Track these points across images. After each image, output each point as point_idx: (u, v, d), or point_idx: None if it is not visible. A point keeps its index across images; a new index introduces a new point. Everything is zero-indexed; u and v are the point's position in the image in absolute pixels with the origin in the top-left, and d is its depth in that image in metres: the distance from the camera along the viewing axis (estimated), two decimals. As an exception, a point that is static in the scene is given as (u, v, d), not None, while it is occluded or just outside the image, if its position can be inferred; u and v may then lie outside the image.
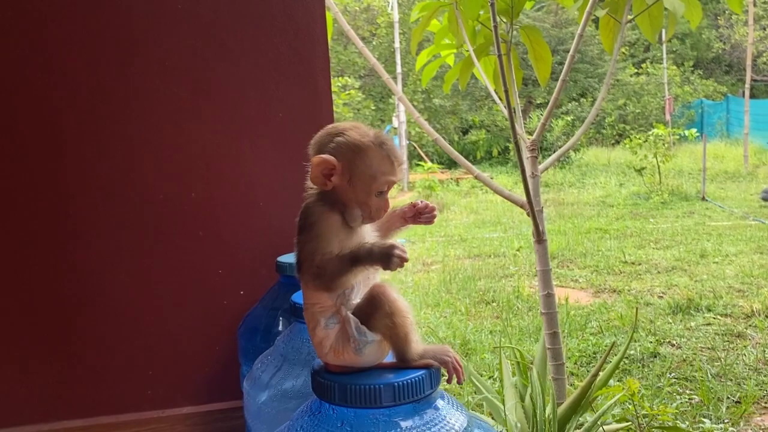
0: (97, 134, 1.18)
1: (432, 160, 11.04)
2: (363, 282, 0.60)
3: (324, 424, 0.59)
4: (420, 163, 9.83)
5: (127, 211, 1.18)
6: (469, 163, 1.62)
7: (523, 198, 1.51)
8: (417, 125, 12.78)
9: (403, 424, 0.58)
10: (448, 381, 0.62)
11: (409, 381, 0.58)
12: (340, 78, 12.47)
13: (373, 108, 13.17)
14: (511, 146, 10.57)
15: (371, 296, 0.59)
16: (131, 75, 1.19)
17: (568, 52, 1.98)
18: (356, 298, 0.60)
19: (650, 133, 8.90)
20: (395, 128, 10.93)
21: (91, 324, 1.20)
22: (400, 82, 10.89)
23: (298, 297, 0.84)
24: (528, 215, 1.51)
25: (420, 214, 0.65)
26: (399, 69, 10.71)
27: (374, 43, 14.32)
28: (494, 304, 4.00)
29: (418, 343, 0.60)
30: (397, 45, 10.64)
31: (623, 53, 17.37)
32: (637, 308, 3.69)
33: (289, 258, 1.07)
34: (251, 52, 1.21)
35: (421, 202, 0.65)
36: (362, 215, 0.61)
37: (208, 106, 1.20)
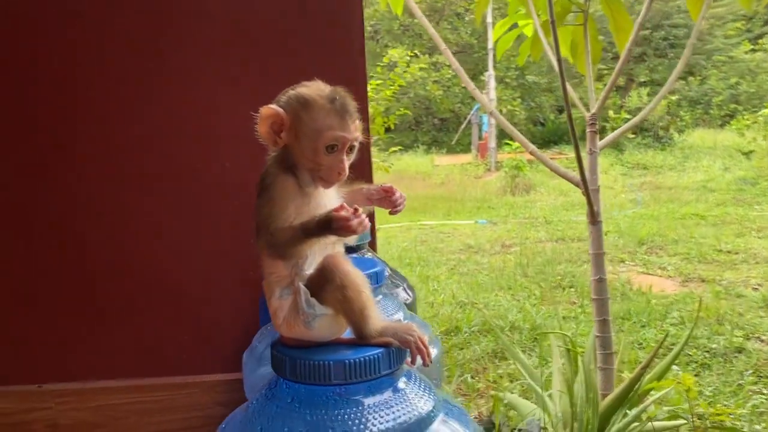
0: (136, 105, 1.21)
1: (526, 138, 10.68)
2: (320, 252, 0.57)
3: (276, 400, 0.57)
4: (508, 142, 9.60)
5: (165, 182, 1.21)
6: (524, 138, 1.54)
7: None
8: (508, 103, 12.47)
9: (356, 403, 0.55)
10: (412, 362, 0.58)
11: (362, 359, 0.55)
12: (429, 56, 12.34)
13: (464, 85, 12.91)
14: (608, 126, 10.13)
15: (322, 267, 0.56)
16: (167, 44, 1.20)
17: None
18: (310, 269, 0.57)
19: (760, 113, 8.26)
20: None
21: (134, 292, 1.24)
22: (491, 58, 10.64)
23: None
24: (583, 194, 1.42)
25: (387, 200, 0.62)
26: (490, 44, 10.45)
27: (467, 18, 14.04)
28: (572, 289, 3.86)
29: (377, 320, 0.57)
30: (489, 20, 10.39)
31: (738, 29, 16.16)
32: (701, 300, 3.46)
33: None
34: (287, 23, 1.19)
35: (395, 190, 0.62)
36: (314, 177, 0.58)
37: (245, 77, 1.20)
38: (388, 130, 2.56)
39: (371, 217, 1.17)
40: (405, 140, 13.02)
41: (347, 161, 0.59)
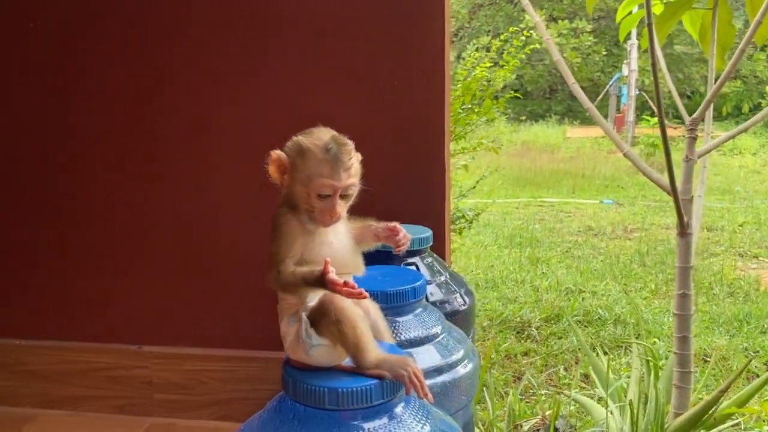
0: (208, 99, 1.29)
1: (668, 114, 10.03)
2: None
3: (280, 414, 0.63)
4: (647, 117, 9.05)
5: (238, 169, 1.29)
6: (605, 123, 1.47)
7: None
8: (658, 73, 11.64)
9: (350, 428, 0.60)
10: (407, 393, 0.61)
11: (355, 389, 0.59)
12: (570, 21, 11.80)
13: (605, 53, 12.29)
14: (763, 102, 9.25)
15: (320, 302, 0.60)
16: (239, 32, 1.27)
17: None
18: (313, 301, 0.61)
19: None
20: (625, 77, 10.14)
21: (231, 271, 1.35)
22: (634, 29, 9.97)
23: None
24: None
25: (392, 238, 0.64)
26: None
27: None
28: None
29: (373, 353, 0.61)
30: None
31: None
32: None
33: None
34: (367, 19, 1.22)
35: (400, 230, 0.65)
36: (310, 218, 0.62)
37: (323, 72, 1.25)
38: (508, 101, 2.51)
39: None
40: (537, 109, 12.65)
41: (342, 205, 0.63)
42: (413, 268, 1.07)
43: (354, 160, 0.65)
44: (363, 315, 0.62)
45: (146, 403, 1.40)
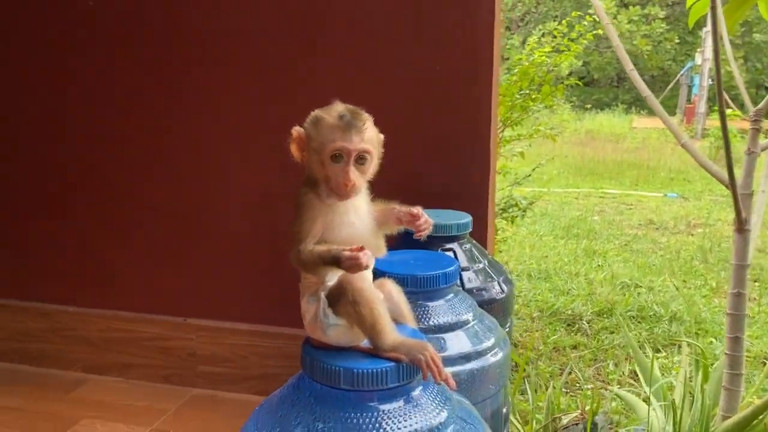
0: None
1: (742, 107, 9.58)
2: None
3: (297, 392, 0.63)
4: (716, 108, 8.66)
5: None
6: (663, 112, 1.40)
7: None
8: (727, 63, 11.16)
9: (365, 408, 0.59)
10: (424, 378, 0.61)
11: (369, 370, 0.59)
12: (642, 7, 11.38)
13: (677, 41, 11.81)
14: None
15: (339, 282, 0.60)
16: (286, 20, 1.27)
17: None
18: (332, 280, 0.61)
19: None
20: (698, 66, 9.73)
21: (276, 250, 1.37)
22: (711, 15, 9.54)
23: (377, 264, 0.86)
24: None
25: (413, 223, 0.63)
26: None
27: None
28: (756, 284, 3.49)
29: (390, 335, 0.60)
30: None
31: None
32: None
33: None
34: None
35: (421, 215, 0.64)
36: (327, 190, 0.62)
37: (363, 55, 1.24)
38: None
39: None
40: (604, 97, 12.29)
41: (357, 174, 0.62)
42: (450, 253, 1.06)
43: (368, 126, 0.64)
44: (381, 297, 0.61)
45: (189, 374, 1.44)
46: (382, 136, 0.67)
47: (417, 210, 0.64)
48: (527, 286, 3.09)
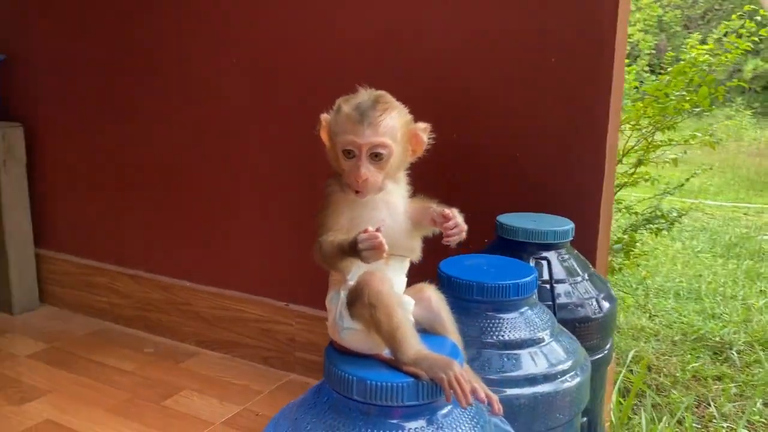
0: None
1: None
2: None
3: (316, 397, 0.60)
4: None
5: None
6: None
7: None
8: None
9: (375, 425, 0.55)
10: (447, 399, 0.54)
11: (383, 384, 0.54)
12: None
13: None
14: None
15: (357, 283, 0.55)
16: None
17: None
18: (353, 280, 0.56)
19: None
20: None
21: None
22: None
23: (444, 266, 0.81)
24: None
25: (443, 225, 0.56)
26: None
27: None
28: None
29: (412, 347, 0.54)
30: None
31: None
32: None
33: (511, 219, 1.01)
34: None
35: (452, 217, 0.57)
36: (346, 183, 0.56)
37: (477, 44, 1.16)
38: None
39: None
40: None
41: (372, 169, 0.57)
42: (544, 263, 0.96)
43: (386, 117, 0.58)
44: (404, 302, 0.55)
45: (288, 358, 1.46)
46: (420, 126, 0.60)
47: (450, 212, 0.57)
48: (673, 306, 2.82)
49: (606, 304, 0.98)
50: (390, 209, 0.58)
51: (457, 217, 0.57)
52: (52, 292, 1.76)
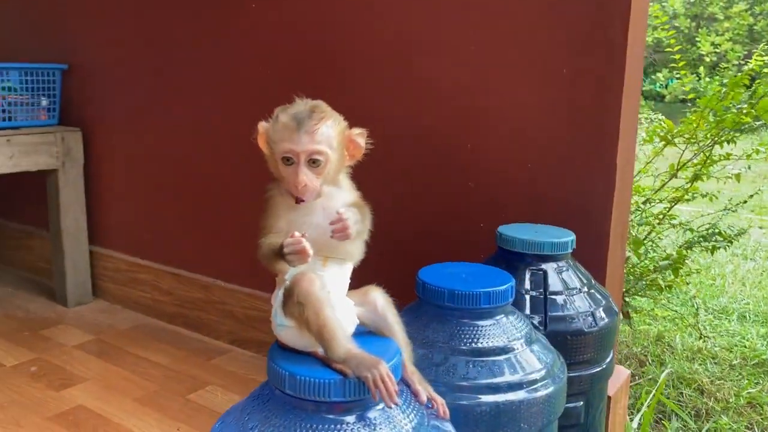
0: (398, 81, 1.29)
1: None
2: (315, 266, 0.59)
3: (263, 389, 0.62)
4: None
5: (419, 153, 1.27)
6: None
7: None
8: None
9: (304, 419, 0.57)
10: (373, 398, 0.56)
11: (311, 379, 0.56)
12: None
13: None
14: None
15: (291, 282, 0.57)
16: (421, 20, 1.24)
17: None
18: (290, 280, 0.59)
19: None
20: None
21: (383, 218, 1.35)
22: None
23: (423, 273, 0.82)
24: None
25: (330, 222, 0.58)
26: None
27: None
28: None
29: (341, 345, 0.56)
30: None
31: None
32: None
33: (510, 230, 1.01)
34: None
35: (341, 221, 0.58)
36: (285, 189, 0.59)
37: (491, 55, 1.17)
38: None
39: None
40: None
41: (310, 175, 0.60)
42: (540, 274, 0.96)
43: (321, 126, 0.60)
44: (329, 302, 0.57)
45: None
46: (356, 131, 0.63)
47: (340, 212, 0.58)
48: (735, 329, 2.69)
49: (604, 319, 0.96)
50: (327, 213, 0.61)
51: (344, 218, 0.58)
52: (103, 288, 1.88)
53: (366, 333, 0.64)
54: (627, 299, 2.39)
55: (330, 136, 0.61)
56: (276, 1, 1.43)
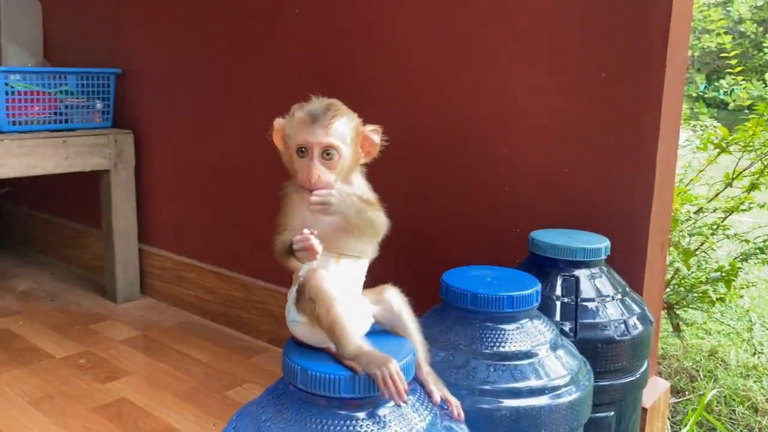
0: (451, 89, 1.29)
1: None
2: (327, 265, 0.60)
3: (279, 383, 0.63)
4: None
5: (456, 157, 1.27)
6: None
7: None
8: None
9: (316, 413, 0.57)
10: (382, 396, 0.56)
11: (322, 375, 0.57)
12: None
13: None
14: None
15: (303, 279, 0.58)
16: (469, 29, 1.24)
17: None
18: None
19: None
20: None
21: (417, 220, 1.35)
22: None
23: (447, 276, 0.82)
24: None
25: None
26: None
27: None
28: None
29: (352, 342, 0.57)
30: None
31: None
32: None
33: (543, 235, 1.00)
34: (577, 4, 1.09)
35: (319, 196, 0.59)
36: (298, 184, 0.60)
37: (530, 58, 1.16)
38: None
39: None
40: None
41: (323, 169, 0.61)
42: (572, 280, 0.95)
43: (336, 121, 0.62)
44: (341, 298, 0.57)
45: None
46: (370, 127, 0.64)
47: (316, 193, 0.60)
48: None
49: (638, 327, 0.94)
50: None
51: (318, 195, 0.59)
52: (151, 285, 1.94)
53: (382, 332, 0.64)
54: (678, 311, 2.31)
55: (344, 131, 0.62)
56: (318, 7, 1.45)
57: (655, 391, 1.13)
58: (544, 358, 0.76)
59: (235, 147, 1.68)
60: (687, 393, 1.93)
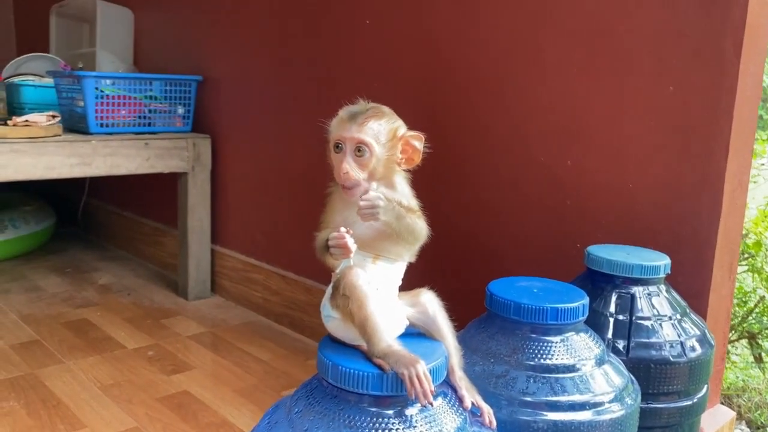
0: (510, 97, 1.28)
1: None
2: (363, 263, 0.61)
3: (313, 380, 0.64)
4: None
5: (519, 167, 1.26)
6: None
7: None
8: None
9: (351, 410, 0.58)
10: (408, 395, 0.57)
11: (351, 370, 0.58)
12: None
13: None
14: None
15: (340, 275, 0.59)
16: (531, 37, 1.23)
17: None
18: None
19: None
20: None
21: (476, 229, 1.35)
22: None
23: (493, 285, 0.82)
24: None
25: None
26: None
27: None
28: None
29: (382, 341, 0.58)
30: None
31: None
32: None
33: (600, 250, 0.98)
34: (650, 8, 1.06)
35: (367, 201, 0.60)
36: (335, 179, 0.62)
37: (596, 70, 1.14)
38: None
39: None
40: None
41: (355, 164, 0.62)
42: (627, 297, 0.92)
43: (371, 120, 0.63)
44: (373, 295, 0.58)
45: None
46: (409, 133, 0.64)
47: (365, 197, 0.60)
48: None
49: (696, 350, 0.90)
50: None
51: (367, 198, 0.60)
52: (221, 284, 2.01)
53: (416, 335, 0.65)
54: (760, 341, 2.20)
55: (379, 131, 0.63)
56: (388, 18, 1.47)
57: (718, 420, 1.08)
58: (588, 373, 0.74)
59: (304, 154, 1.72)
60: None
